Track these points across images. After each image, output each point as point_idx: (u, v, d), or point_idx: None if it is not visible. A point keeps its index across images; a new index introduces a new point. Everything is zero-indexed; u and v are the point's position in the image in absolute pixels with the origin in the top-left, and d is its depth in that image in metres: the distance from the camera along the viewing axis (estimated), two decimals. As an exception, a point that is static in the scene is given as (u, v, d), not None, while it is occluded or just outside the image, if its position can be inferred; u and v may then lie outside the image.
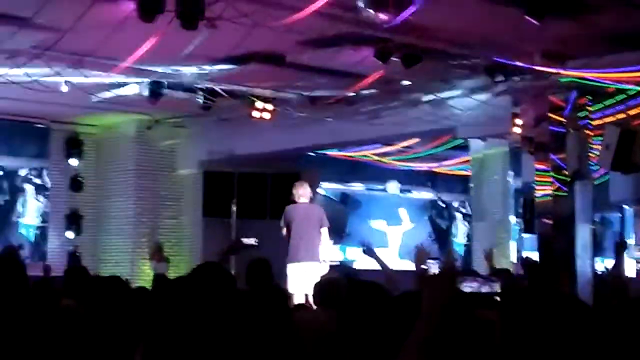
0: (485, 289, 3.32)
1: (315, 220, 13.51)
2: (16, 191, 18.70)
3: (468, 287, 3.27)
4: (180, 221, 19.11)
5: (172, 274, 17.61)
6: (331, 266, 17.63)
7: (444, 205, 24.78)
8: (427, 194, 24.47)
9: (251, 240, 9.12)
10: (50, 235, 18.93)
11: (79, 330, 3.22)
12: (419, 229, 23.53)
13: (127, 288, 5.83)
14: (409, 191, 23.52)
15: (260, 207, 17.56)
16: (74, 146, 19.23)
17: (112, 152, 19.35)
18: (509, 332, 2.69)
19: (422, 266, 6.60)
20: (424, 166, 22.80)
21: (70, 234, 19.04)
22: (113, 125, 19.18)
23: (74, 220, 19.17)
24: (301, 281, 12.15)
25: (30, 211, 18.78)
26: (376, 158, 21.56)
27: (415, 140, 19.41)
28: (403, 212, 23.05)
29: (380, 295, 4.19)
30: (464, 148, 19.87)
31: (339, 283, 6.96)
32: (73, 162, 19.25)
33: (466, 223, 23.97)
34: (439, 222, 24.53)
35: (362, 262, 21.26)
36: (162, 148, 19.01)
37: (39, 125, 18.86)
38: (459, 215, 24.84)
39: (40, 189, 18.98)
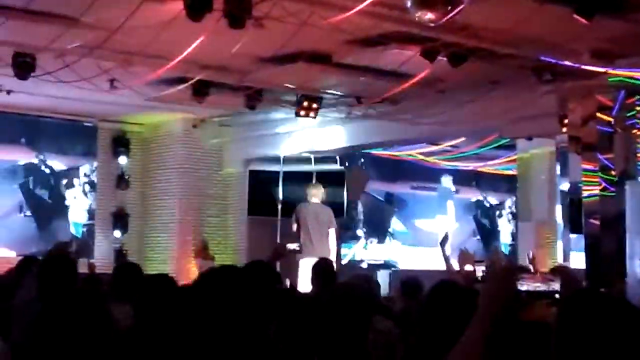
0: (543, 288, 3.30)
1: (324, 220, 14.87)
2: (64, 189, 18.87)
3: (525, 284, 3.25)
4: (225, 220, 19.18)
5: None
6: (377, 265, 17.71)
7: (488, 205, 24.66)
8: (472, 194, 24.36)
9: (294, 245, 9.20)
10: (96, 232, 19.07)
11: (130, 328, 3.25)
12: (463, 228, 23.45)
13: (176, 286, 5.87)
14: (455, 191, 23.43)
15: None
16: (121, 144, 19.38)
17: (158, 150, 19.46)
18: (565, 332, 2.67)
19: (466, 268, 6.59)
20: (469, 165, 22.72)
21: (116, 232, 19.19)
22: (159, 124, 19.30)
23: (120, 218, 19.32)
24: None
25: (78, 209, 18.94)
26: (421, 157, 21.53)
27: (461, 139, 19.35)
28: (450, 209, 22.94)
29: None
30: (509, 147, 19.79)
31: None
32: (120, 160, 19.40)
33: (512, 223, 23.84)
34: (484, 221, 24.42)
35: (405, 261, 21.27)
36: (208, 147, 19.09)
37: (87, 124, 19.03)
38: (504, 215, 24.70)
39: (88, 187, 19.13)
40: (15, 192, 18.29)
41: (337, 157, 18.82)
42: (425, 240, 21.73)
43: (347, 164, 19.22)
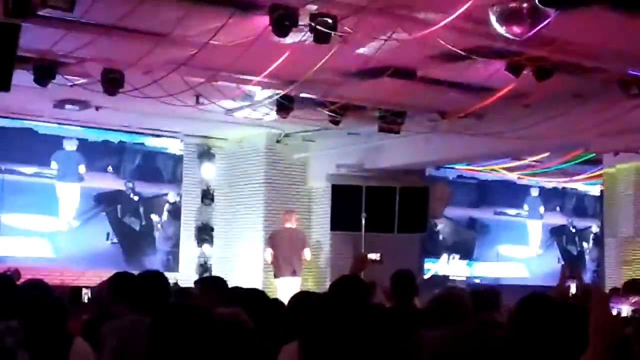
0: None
1: (297, 242, 16.85)
2: (151, 216, 19.10)
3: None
4: (309, 234, 19.24)
5: (301, 287, 17.76)
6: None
7: (574, 230, 24.27)
8: (556, 219, 24.02)
9: (376, 256, 9.19)
10: (181, 247, 19.27)
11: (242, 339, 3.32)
12: (548, 254, 23.14)
13: (267, 299, 5.95)
14: (540, 217, 23.18)
15: (388, 220, 17.56)
16: (206, 159, 19.58)
17: (242, 165, 19.62)
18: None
19: (569, 283, 6.53)
20: (553, 181, 22.52)
21: (202, 246, 19.38)
22: (244, 139, 19.46)
23: (205, 232, 19.50)
24: (285, 292, 13.67)
25: (164, 236, 19.13)
26: (504, 172, 21.39)
27: (545, 154, 19.19)
28: (537, 229, 22.75)
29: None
30: (594, 163, 19.57)
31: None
32: (205, 174, 19.59)
33: (596, 248, 23.39)
34: (569, 247, 24.01)
35: (488, 276, 21.12)
36: (291, 161, 19.20)
37: (173, 153, 19.30)
38: (589, 240, 24.27)
39: (174, 213, 19.36)
40: (103, 220, 18.56)
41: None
42: (509, 266, 21.68)
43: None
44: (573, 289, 6.19)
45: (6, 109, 16.42)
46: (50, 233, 17.71)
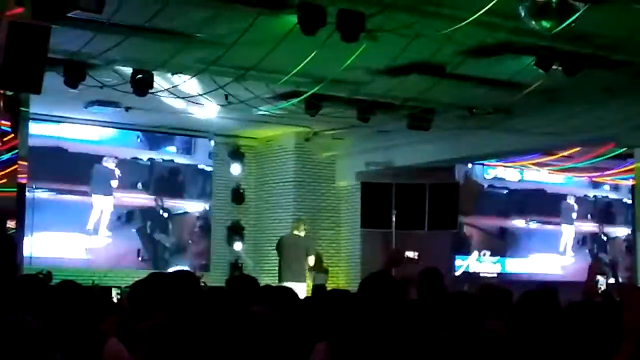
0: None
1: (302, 250, 17.04)
2: (181, 233, 19.18)
3: None
4: (338, 232, 19.26)
5: (330, 284, 17.77)
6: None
7: (605, 239, 23.95)
8: (588, 227, 23.77)
9: (414, 254, 9.10)
10: (212, 246, 19.31)
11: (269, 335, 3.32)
12: (579, 262, 22.89)
13: (297, 298, 5.95)
14: (571, 224, 22.95)
15: (418, 217, 17.53)
16: (235, 158, 19.63)
17: (272, 164, 19.67)
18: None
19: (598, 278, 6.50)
20: (584, 176, 22.38)
21: (233, 245, 19.43)
22: (273, 138, 19.50)
23: (235, 231, 19.55)
24: None
25: (194, 252, 19.23)
26: (535, 168, 21.30)
27: (575, 149, 19.09)
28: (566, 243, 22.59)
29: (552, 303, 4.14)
30: (624, 157, 19.44)
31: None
32: (234, 173, 19.64)
33: (629, 256, 23.04)
34: (601, 255, 23.71)
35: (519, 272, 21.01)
36: (320, 160, 19.21)
37: (201, 167, 19.42)
38: (622, 248, 23.92)
39: (205, 229, 19.42)
40: (133, 237, 18.64)
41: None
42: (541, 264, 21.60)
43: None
44: (603, 285, 6.16)
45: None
46: (83, 251, 17.81)
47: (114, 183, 18.36)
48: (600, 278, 6.42)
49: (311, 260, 17.30)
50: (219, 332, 3.29)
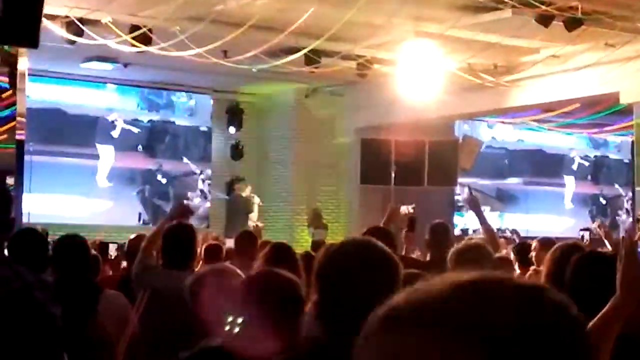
0: None
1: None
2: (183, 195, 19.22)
3: None
4: (338, 188, 19.27)
5: (330, 240, 17.82)
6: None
7: (605, 200, 23.84)
8: (587, 188, 23.68)
9: (409, 208, 9.15)
10: (211, 202, 19.35)
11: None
12: (579, 224, 22.72)
13: (293, 254, 5.98)
14: (570, 186, 22.84)
15: (417, 174, 17.52)
16: (234, 115, 19.62)
17: (271, 120, 19.65)
18: None
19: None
20: (584, 132, 22.38)
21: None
22: (272, 94, 19.46)
23: (235, 184, 19.57)
24: None
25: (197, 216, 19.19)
26: (535, 124, 21.28)
27: (575, 105, 19.05)
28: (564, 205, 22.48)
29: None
30: (624, 113, 19.40)
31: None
32: (234, 130, 19.64)
33: (630, 217, 22.89)
34: (600, 218, 23.59)
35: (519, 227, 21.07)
36: (320, 116, 19.18)
37: (203, 129, 19.36)
38: (622, 209, 23.82)
39: (205, 194, 19.49)
40: (134, 200, 18.71)
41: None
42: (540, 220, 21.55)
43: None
44: (587, 238, 6.17)
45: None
46: (84, 216, 17.79)
47: (115, 133, 18.36)
48: (584, 234, 6.44)
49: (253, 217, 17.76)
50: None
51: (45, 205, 17.09)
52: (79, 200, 17.93)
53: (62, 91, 17.94)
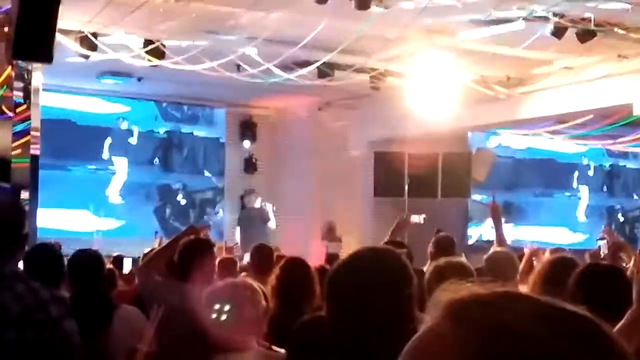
0: None
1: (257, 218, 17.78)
2: (200, 211, 19.22)
3: None
4: (351, 201, 19.25)
5: (344, 253, 17.79)
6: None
7: (622, 212, 23.11)
8: (603, 200, 23.19)
9: (419, 218, 9.19)
10: (225, 215, 19.37)
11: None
12: (595, 238, 22.33)
13: (308, 268, 5.99)
14: (580, 198, 22.47)
15: (431, 186, 17.50)
16: (248, 129, 19.66)
17: (284, 134, 19.67)
18: None
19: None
20: (598, 143, 22.30)
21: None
22: (285, 108, 19.49)
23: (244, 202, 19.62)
24: None
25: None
26: (549, 136, 21.23)
27: (589, 117, 19.00)
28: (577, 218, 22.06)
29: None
30: (638, 125, 19.34)
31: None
32: (247, 144, 19.67)
33: None
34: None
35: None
36: (333, 129, 19.18)
37: (222, 141, 19.44)
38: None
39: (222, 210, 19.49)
40: (150, 217, 18.69)
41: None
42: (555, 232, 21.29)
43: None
44: (605, 249, 6.15)
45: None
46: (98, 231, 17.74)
47: (132, 140, 18.38)
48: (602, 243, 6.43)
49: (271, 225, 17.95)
50: None
51: (55, 220, 17.08)
52: (89, 215, 17.89)
53: (72, 102, 17.91)
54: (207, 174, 19.50)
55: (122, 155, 18.49)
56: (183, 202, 19.11)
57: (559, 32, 12.24)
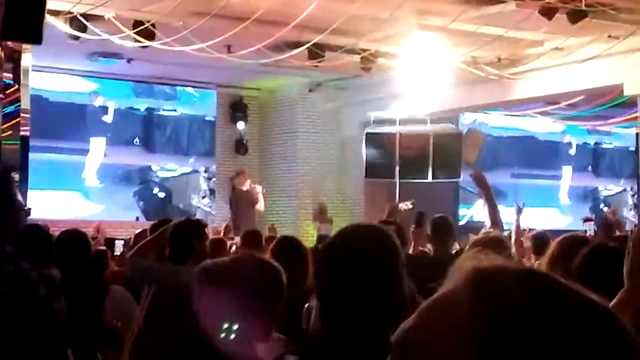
0: None
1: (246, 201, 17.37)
2: (184, 195, 19.09)
3: None
4: (342, 182, 19.26)
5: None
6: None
7: (607, 194, 22.71)
8: (588, 181, 22.90)
9: (407, 205, 9.22)
10: (216, 197, 19.35)
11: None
12: (579, 220, 21.98)
13: (302, 246, 5.99)
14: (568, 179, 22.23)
15: (422, 167, 17.51)
16: (238, 110, 19.61)
17: (275, 115, 19.64)
18: None
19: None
20: (588, 124, 22.29)
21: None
22: (276, 89, 19.45)
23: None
24: None
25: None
26: (539, 117, 21.23)
27: (579, 98, 19.01)
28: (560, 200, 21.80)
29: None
30: (628, 105, 19.33)
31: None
32: (238, 125, 19.63)
33: (635, 212, 22.11)
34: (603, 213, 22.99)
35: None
36: (324, 110, 19.16)
37: (208, 119, 19.33)
38: (627, 204, 22.76)
39: (208, 193, 19.49)
40: (130, 200, 18.46)
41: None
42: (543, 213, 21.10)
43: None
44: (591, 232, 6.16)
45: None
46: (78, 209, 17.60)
47: (108, 118, 18.14)
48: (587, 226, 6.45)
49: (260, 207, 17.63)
50: None
51: (41, 202, 16.88)
52: (73, 196, 17.71)
53: (49, 80, 17.47)
54: (191, 155, 19.27)
55: (100, 135, 18.17)
56: (165, 184, 18.88)
57: (549, 12, 12.22)
